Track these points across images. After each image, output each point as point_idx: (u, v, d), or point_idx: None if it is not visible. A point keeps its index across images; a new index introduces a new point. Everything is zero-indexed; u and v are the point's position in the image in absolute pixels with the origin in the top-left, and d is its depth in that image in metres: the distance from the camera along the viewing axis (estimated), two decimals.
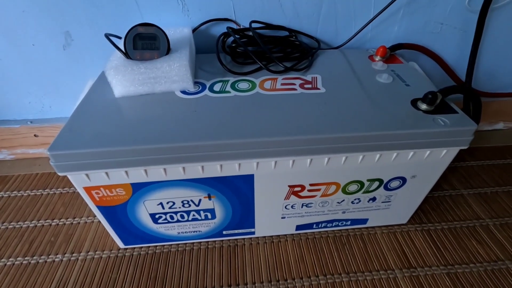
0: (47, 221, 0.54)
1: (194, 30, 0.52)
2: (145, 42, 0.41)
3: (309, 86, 0.43)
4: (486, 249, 0.49)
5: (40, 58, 0.54)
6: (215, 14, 0.52)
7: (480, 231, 0.52)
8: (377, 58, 0.50)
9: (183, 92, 0.42)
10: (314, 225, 0.49)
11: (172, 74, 0.40)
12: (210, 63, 0.49)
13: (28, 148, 0.65)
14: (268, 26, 0.53)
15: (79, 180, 0.36)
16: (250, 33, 0.51)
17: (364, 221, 0.50)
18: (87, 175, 0.35)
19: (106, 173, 0.35)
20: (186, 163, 0.35)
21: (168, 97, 0.41)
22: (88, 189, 0.37)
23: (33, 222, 0.54)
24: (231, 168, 0.37)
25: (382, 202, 0.46)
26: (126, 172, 0.35)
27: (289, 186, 0.41)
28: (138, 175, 0.36)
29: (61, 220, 0.54)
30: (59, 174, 0.34)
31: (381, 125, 0.36)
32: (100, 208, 0.40)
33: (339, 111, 0.38)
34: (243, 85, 0.43)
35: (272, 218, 0.47)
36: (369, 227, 0.52)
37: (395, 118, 0.37)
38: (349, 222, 0.50)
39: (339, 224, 0.50)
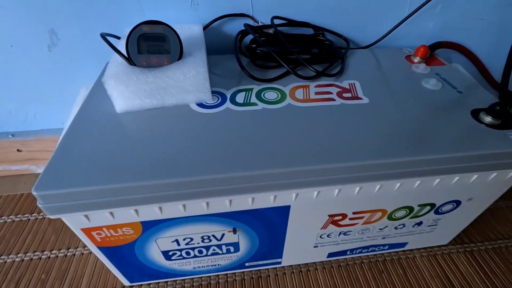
0: (36, 253, 0.46)
1: (204, 28, 0.44)
2: (151, 44, 0.33)
3: (349, 95, 0.37)
4: None
5: (21, 60, 0.46)
6: (228, 8, 0.44)
7: None
8: (416, 59, 0.44)
9: (200, 105, 0.34)
10: (348, 251, 0.43)
11: (186, 83, 0.33)
12: (224, 67, 0.42)
13: (10, 164, 0.57)
14: (290, 22, 0.46)
15: (75, 222, 0.29)
16: (270, 31, 0.44)
17: (403, 244, 0.45)
18: (86, 216, 0.28)
19: (111, 213, 0.28)
20: (210, 197, 0.28)
21: (182, 111, 0.34)
22: (87, 231, 0.30)
23: (19, 255, 0.46)
24: (265, 201, 0.30)
25: (428, 226, 0.41)
26: (136, 210, 0.28)
27: (329, 215, 0.35)
28: (151, 212, 0.29)
29: (53, 251, 0.46)
30: (51, 217, 0.27)
31: (445, 146, 0.30)
32: (102, 249, 0.33)
33: (391, 128, 0.32)
34: (270, 95, 0.36)
35: (303, 248, 0.40)
36: (407, 250, 0.47)
37: (458, 135, 0.31)
38: (386, 247, 0.44)
39: (376, 249, 0.44)
